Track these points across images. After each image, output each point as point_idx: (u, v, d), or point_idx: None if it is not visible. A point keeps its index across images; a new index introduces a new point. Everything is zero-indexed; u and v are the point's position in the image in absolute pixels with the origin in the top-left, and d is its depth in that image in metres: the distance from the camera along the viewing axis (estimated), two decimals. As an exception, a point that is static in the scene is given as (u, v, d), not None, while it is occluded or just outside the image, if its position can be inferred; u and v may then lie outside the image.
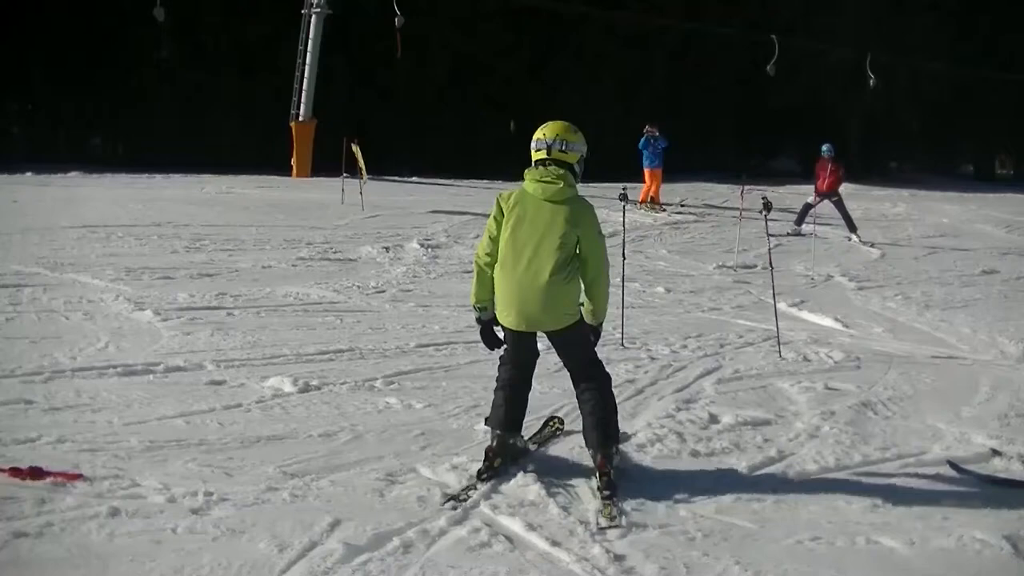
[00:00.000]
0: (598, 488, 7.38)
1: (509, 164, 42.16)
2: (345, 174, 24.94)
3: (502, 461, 7.77)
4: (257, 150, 36.44)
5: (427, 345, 11.89)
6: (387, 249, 18.78)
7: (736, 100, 49.05)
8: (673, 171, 29.55)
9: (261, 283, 15.28)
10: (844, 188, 25.06)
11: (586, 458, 7.95)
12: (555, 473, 7.87)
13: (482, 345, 8.03)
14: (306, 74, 34.76)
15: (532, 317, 7.50)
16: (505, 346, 7.92)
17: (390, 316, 13.51)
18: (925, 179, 50.58)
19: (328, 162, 29.14)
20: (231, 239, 19.04)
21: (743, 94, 49.15)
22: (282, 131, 35.03)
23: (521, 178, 7.59)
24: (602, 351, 11.61)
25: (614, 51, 44.60)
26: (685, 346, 12.54)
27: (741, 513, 7.34)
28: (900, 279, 18.80)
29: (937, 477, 8.23)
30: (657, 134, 27.28)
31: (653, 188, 27.55)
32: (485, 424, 8.23)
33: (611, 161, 37.15)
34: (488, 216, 7.73)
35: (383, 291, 15.23)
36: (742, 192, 23.06)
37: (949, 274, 19.67)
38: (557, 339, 7.71)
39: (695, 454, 8.55)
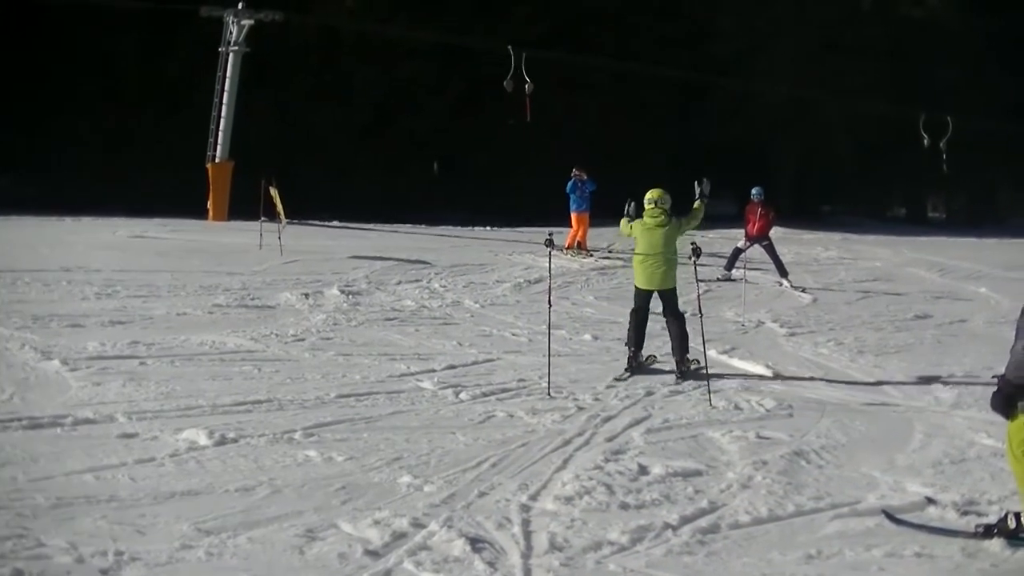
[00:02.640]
0: (676, 375, 13.26)
1: (433, 207, 42.27)
2: (263, 218, 24.72)
3: (637, 365, 13.54)
4: (172, 192, 36.02)
5: (348, 395, 11.71)
6: (306, 296, 18.53)
7: (667, 143, 49.49)
8: (601, 215, 29.51)
9: (176, 331, 14.95)
10: (775, 232, 25.15)
11: (512, 511, 8.12)
12: (481, 528, 7.77)
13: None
14: (223, 114, 34.48)
15: (655, 283, 13.60)
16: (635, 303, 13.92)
17: (310, 365, 13.28)
18: (857, 222, 51.21)
19: (246, 205, 28.83)
20: (145, 285, 18.66)
21: (674, 137, 49.62)
22: (198, 173, 34.69)
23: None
24: (528, 401, 11.70)
25: (541, 92, 44.80)
26: (613, 395, 12.43)
27: (672, 567, 7.28)
28: (832, 324, 18.78)
29: (872, 526, 8.19)
30: (585, 178, 27.27)
31: (580, 232, 27.52)
32: (624, 345, 13.86)
33: (538, 205, 37.32)
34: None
35: (302, 339, 14.97)
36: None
37: (882, 319, 19.67)
38: (665, 294, 13.64)
39: (624, 506, 8.45)
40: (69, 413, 10.26)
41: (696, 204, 14.10)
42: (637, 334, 13.70)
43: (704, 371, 13.00)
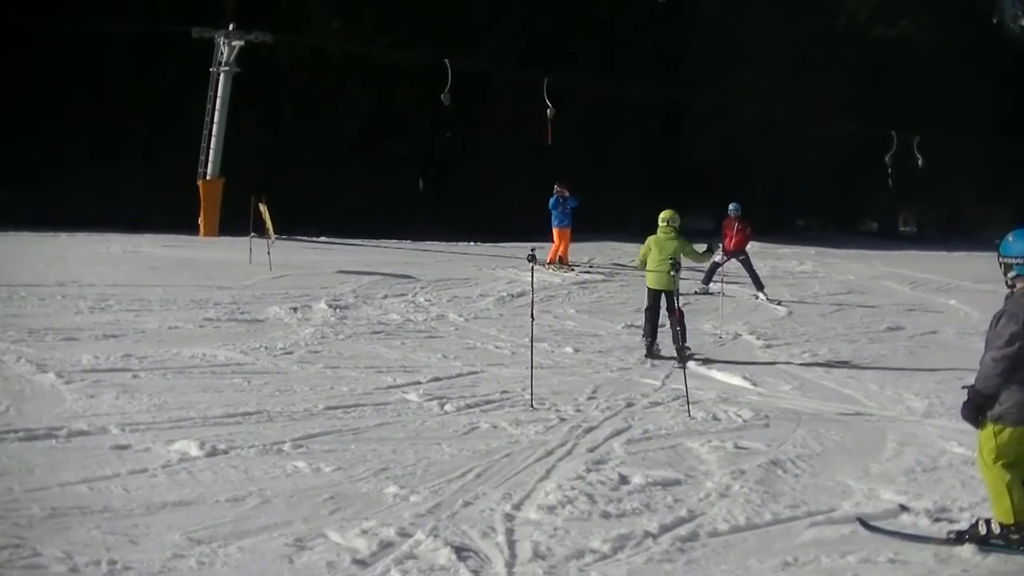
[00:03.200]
0: (676, 359, 15.17)
1: (418, 222, 42.16)
2: (253, 233, 24.69)
3: (654, 353, 16.13)
4: (164, 208, 35.93)
5: (336, 407, 11.77)
6: (295, 310, 18.55)
7: (646, 159, 49.53)
8: (582, 231, 29.60)
9: (167, 344, 14.99)
10: (751, 246, 25.30)
11: (496, 521, 8.19)
12: (466, 537, 7.86)
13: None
14: (214, 132, 34.47)
15: (663, 285, 16.12)
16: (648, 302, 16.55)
17: (298, 378, 13.34)
18: (831, 237, 51.32)
19: (236, 221, 28.84)
20: (137, 299, 18.64)
21: (653, 153, 49.67)
22: (189, 189, 34.66)
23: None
24: (511, 412, 11.83)
25: (523, 109, 44.88)
26: (594, 406, 12.54)
27: (653, 574, 7.37)
28: (808, 336, 18.98)
29: (847, 534, 8.32)
30: (567, 194, 27.35)
31: (562, 248, 27.60)
32: (641, 338, 16.49)
33: (520, 220, 37.39)
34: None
35: (291, 352, 15.04)
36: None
37: (855, 331, 19.89)
38: (669, 294, 15.96)
39: (606, 515, 8.54)
40: (64, 425, 10.28)
41: (704, 250, 17.67)
42: (652, 327, 16.41)
43: (688, 359, 14.84)
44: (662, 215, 16.75)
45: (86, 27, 35.00)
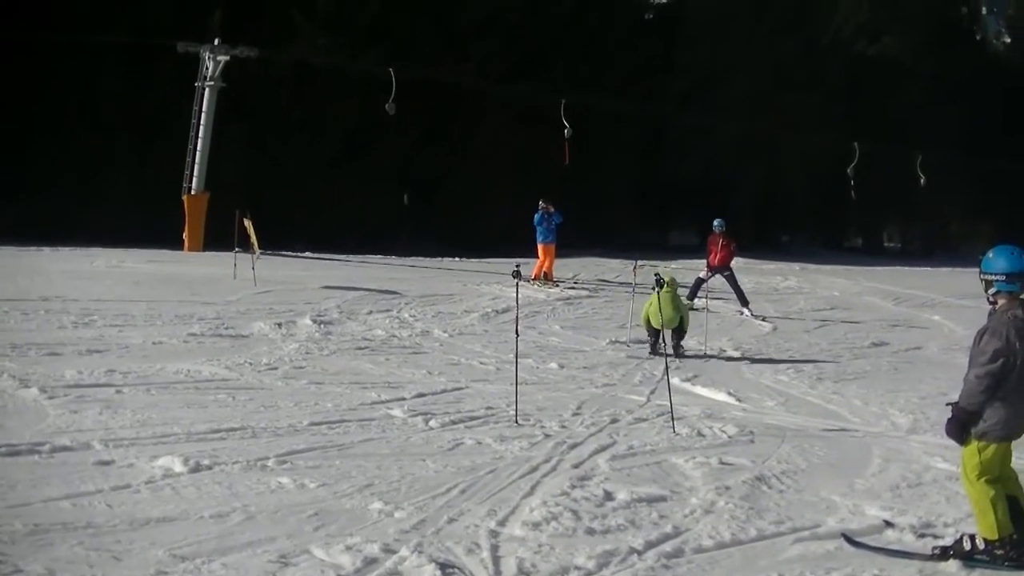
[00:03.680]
0: (673, 356, 16.78)
1: (403, 237, 42.14)
2: (237, 248, 24.68)
3: (656, 350, 17.44)
4: (149, 222, 35.84)
5: (320, 423, 11.74)
6: (280, 325, 18.54)
7: (631, 174, 49.62)
8: (567, 247, 29.62)
9: (151, 360, 14.96)
10: (735, 262, 25.38)
11: (481, 537, 8.15)
12: (450, 553, 7.83)
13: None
14: (199, 147, 34.44)
15: (664, 325, 17.41)
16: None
17: (283, 394, 13.31)
18: (815, 252, 51.50)
19: (221, 236, 28.81)
20: (121, 314, 18.61)
21: (638, 169, 49.78)
22: (175, 204, 34.61)
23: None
24: (496, 428, 11.83)
25: (509, 124, 44.95)
26: (579, 422, 12.53)
27: None
28: (792, 352, 19.06)
29: (832, 550, 8.31)
30: (552, 210, 27.40)
31: (547, 263, 27.64)
32: (647, 337, 18.23)
33: (505, 236, 37.44)
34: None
35: (276, 368, 15.02)
36: (635, 267, 23.23)
37: (840, 346, 20.00)
38: (674, 330, 17.90)
39: (591, 531, 8.53)
40: (46, 440, 10.22)
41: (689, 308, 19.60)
42: (655, 329, 17.87)
43: (681, 355, 16.40)
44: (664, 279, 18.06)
45: (73, 40, 34.96)
